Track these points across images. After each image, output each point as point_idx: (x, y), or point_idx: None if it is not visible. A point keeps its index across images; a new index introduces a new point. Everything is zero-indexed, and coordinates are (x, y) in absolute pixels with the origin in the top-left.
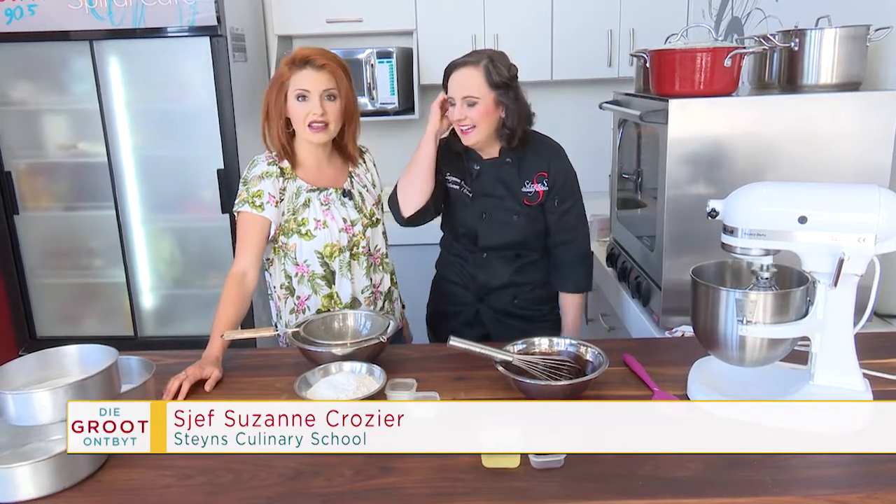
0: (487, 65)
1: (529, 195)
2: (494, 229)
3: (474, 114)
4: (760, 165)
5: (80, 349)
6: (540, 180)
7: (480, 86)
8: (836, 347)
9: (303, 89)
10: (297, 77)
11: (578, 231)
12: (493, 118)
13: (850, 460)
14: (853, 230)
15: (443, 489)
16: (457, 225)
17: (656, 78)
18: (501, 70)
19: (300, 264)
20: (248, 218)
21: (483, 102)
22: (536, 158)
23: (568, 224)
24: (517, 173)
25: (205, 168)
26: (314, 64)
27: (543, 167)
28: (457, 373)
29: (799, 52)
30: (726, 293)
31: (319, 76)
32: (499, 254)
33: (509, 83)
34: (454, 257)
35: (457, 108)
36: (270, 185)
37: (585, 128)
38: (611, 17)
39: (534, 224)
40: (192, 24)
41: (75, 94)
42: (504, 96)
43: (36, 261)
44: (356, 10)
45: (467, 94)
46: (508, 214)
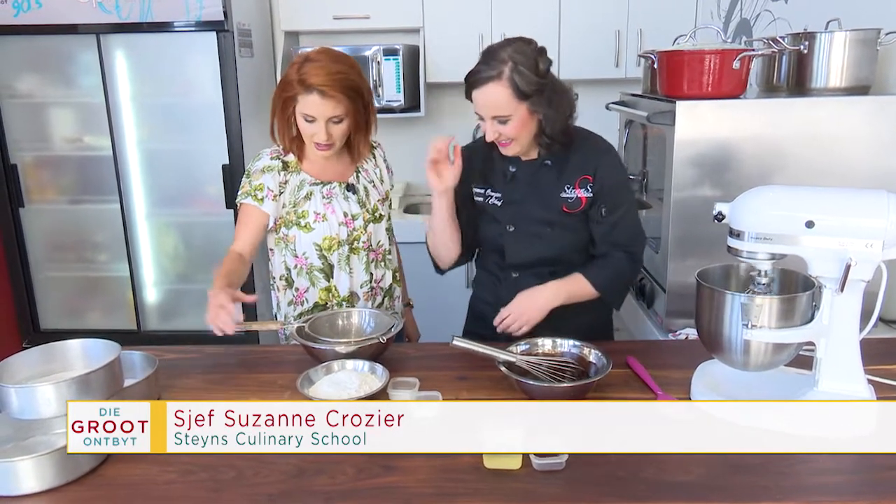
0: (512, 76)
1: (570, 201)
2: (522, 244)
3: (509, 130)
4: (767, 169)
5: (84, 343)
6: (584, 185)
7: (509, 101)
8: (842, 353)
9: (309, 115)
10: (305, 100)
11: (634, 242)
12: (530, 127)
13: (854, 468)
14: (861, 235)
15: (444, 489)
16: (483, 240)
17: (664, 79)
18: (529, 75)
19: (299, 256)
20: (249, 210)
21: (516, 116)
22: (581, 160)
23: (619, 238)
24: (557, 177)
25: (210, 163)
26: (323, 94)
27: (589, 170)
28: (459, 373)
29: (808, 55)
30: (731, 297)
31: (326, 104)
32: (531, 271)
33: (542, 86)
34: (487, 274)
35: (488, 126)
36: (270, 180)
37: (591, 128)
38: (618, 18)
39: (574, 235)
40: (198, 18)
41: (81, 87)
42: (538, 103)
43: (40, 254)
44: (363, 7)
45: (495, 113)
46: (540, 226)
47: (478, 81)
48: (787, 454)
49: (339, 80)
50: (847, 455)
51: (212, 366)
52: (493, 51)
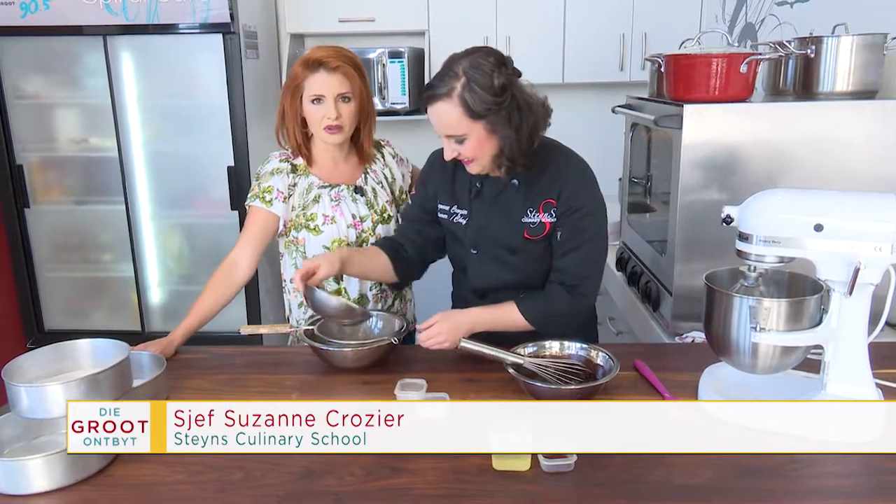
0: (462, 94)
1: (532, 227)
2: (486, 268)
3: (466, 150)
4: (774, 172)
5: (93, 343)
6: (547, 209)
7: (460, 121)
8: (850, 356)
9: (317, 94)
10: (312, 80)
11: (581, 281)
12: (490, 146)
13: (862, 470)
14: (869, 239)
15: (453, 491)
16: (452, 260)
17: (671, 82)
18: (481, 94)
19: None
20: (256, 212)
21: (472, 136)
22: (548, 181)
23: (569, 268)
24: (522, 199)
25: (215, 165)
26: (328, 66)
27: (553, 193)
28: (467, 374)
29: (815, 60)
30: (740, 299)
31: (333, 79)
32: (499, 294)
33: (498, 103)
34: (459, 290)
35: (445, 145)
36: (280, 182)
37: (595, 131)
38: (623, 21)
39: (538, 264)
40: (205, 20)
41: (88, 88)
42: (495, 122)
43: (45, 254)
44: (368, 10)
45: (449, 132)
46: (503, 251)
47: (429, 98)
48: (794, 458)
49: (343, 54)
50: (855, 458)
51: (219, 366)
52: (449, 63)
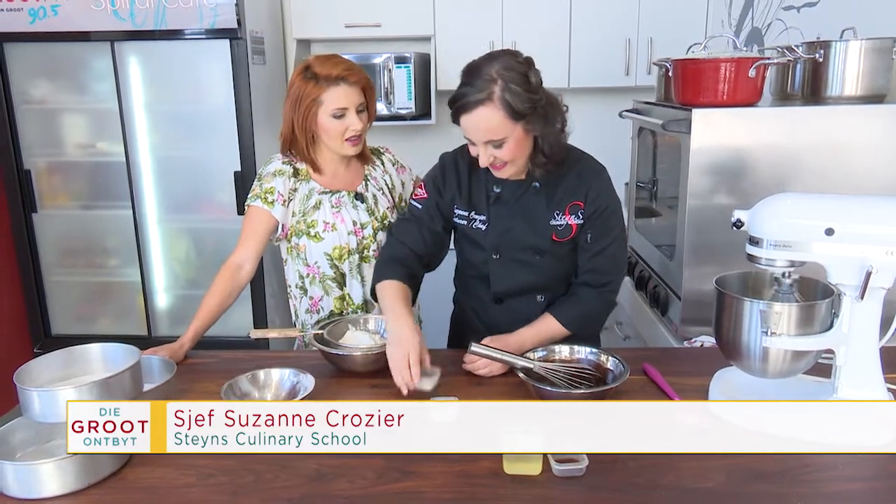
0: (503, 95)
1: (560, 229)
2: (508, 272)
3: (504, 153)
4: (783, 177)
5: (104, 347)
6: (574, 211)
7: (503, 124)
8: (861, 361)
9: (341, 107)
10: (333, 94)
11: (612, 278)
12: (526, 147)
13: (875, 474)
14: (881, 243)
15: (464, 494)
16: (466, 265)
17: (679, 87)
18: (522, 93)
19: (311, 265)
20: (256, 212)
21: (511, 139)
22: (572, 183)
23: (599, 269)
24: (546, 201)
25: (221, 170)
26: (348, 80)
27: (580, 195)
28: (476, 378)
29: (823, 64)
30: (750, 304)
31: (353, 92)
32: (520, 298)
33: (536, 102)
34: (471, 299)
35: (481, 152)
36: (281, 184)
37: (600, 136)
38: (629, 26)
39: (562, 264)
40: (212, 26)
41: (95, 93)
42: (534, 121)
43: (52, 259)
44: (374, 15)
45: (489, 138)
46: (528, 253)
47: (466, 106)
48: (806, 462)
49: (355, 66)
50: (868, 462)
51: (228, 371)
52: (477, 68)
